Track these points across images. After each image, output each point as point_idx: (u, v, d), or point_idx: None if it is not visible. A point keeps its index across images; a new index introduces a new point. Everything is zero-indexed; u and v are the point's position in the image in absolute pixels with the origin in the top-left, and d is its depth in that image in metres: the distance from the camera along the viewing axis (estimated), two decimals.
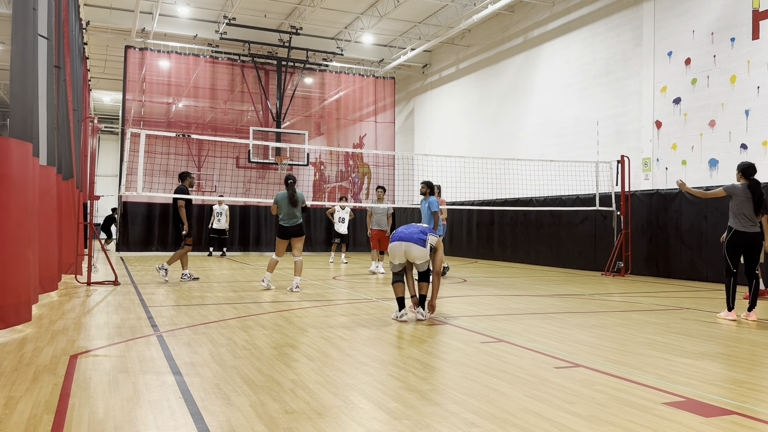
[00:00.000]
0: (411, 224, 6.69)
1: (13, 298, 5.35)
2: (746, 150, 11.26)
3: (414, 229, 6.55)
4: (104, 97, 29.76)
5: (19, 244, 5.38)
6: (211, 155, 20.76)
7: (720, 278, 11.51)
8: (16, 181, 5.35)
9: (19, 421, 3.18)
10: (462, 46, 20.16)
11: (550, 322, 6.65)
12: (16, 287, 5.41)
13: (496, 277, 12.55)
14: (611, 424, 3.22)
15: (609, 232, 13.88)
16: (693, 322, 6.75)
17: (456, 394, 3.73)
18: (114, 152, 35.89)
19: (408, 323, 6.44)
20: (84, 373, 4.18)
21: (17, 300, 5.43)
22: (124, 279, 10.74)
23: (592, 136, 14.88)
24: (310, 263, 16.12)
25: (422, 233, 6.50)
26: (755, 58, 11.15)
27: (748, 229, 6.90)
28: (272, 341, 5.34)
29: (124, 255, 18.32)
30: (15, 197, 5.32)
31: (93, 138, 10.88)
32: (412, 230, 6.53)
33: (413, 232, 6.49)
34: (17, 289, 5.43)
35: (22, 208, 5.45)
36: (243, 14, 18.72)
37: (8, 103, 5.04)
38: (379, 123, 22.74)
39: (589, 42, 15.07)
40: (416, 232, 6.49)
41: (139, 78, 19.38)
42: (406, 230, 6.54)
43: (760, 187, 6.96)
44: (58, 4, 8.50)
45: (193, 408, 3.41)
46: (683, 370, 4.45)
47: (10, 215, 5.26)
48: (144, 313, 6.86)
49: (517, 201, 16.46)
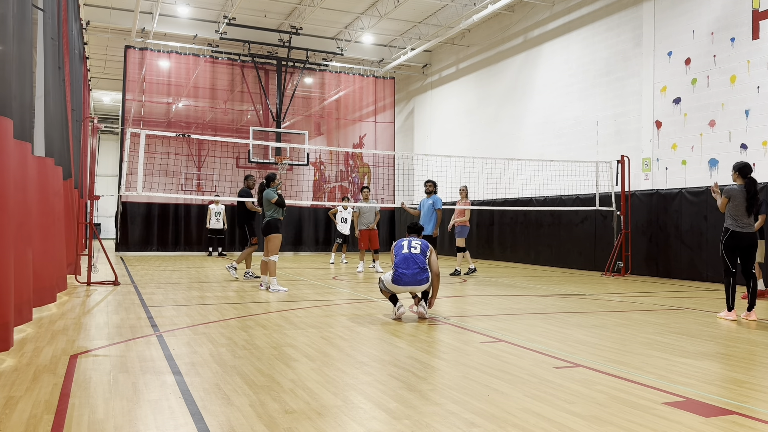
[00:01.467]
0: (407, 257, 6.63)
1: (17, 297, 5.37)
2: (746, 150, 11.26)
3: (414, 268, 6.57)
4: (104, 97, 29.76)
5: (22, 244, 5.39)
6: (211, 155, 20.77)
7: (720, 278, 11.50)
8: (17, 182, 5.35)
9: (19, 421, 3.18)
10: (462, 46, 20.16)
11: (550, 322, 6.65)
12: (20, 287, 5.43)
13: (496, 277, 12.55)
14: (611, 424, 3.22)
15: (609, 232, 13.88)
16: (693, 322, 6.75)
17: (456, 394, 3.73)
18: (114, 152, 35.89)
19: (408, 323, 6.44)
20: (84, 373, 4.18)
21: (21, 300, 5.45)
22: (124, 279, 10.74)
23: (592, 136, 14.88)
24: (309, 263, 16.13)
25: (423, 270, 6.59)
26: (755, 58, 11.15)
27: (745, 230, 6.88)
28: (272, 341, 5.34)
29: (124, 255, 18.32)
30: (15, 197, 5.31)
31: (93, 138, 10.88)
32: (413, 271, 6.56)
33: (416, 274, 6.56)
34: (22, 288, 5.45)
35: (21, 208, 5.45)
36: (243, 14, 18.72)
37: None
38: (378, 123, 22.75)
39: (589, 42, 15.07)
40: (418, 273, 6.56)
41: (139, 78, 19.38)
42: (408, 271, 6.56)
43: (756, 185, 6.94)
44: (59, 4, 8.49)
45: (193, 408, 3.41)
46: (683, 370, 4.45)
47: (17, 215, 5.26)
48: (144, 313, 6.86)
49: (517, 201, 16.46)
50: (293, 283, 10.68)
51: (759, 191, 7.12)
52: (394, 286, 6.64)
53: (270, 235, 9.23)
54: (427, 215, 11.17)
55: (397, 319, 6.65)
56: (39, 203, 6.53)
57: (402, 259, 6.65)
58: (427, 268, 6.66)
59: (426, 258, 6.70)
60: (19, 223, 5.27)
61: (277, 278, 9.67)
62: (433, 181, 11.45)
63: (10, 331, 4.70)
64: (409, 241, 6.84)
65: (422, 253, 6.70)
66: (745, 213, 6.88)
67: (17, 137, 5.28)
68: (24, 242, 5.42)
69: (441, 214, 11.11)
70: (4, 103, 4.75)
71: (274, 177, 9.52)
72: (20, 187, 5.40)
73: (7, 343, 4.65)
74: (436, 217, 11.05)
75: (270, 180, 9.49)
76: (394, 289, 6.67)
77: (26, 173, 5.57)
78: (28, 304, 5.67)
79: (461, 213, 13.03)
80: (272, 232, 9.24)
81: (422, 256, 6.68)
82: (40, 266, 6.61)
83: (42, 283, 6.75)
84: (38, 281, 6.52)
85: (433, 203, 11.15)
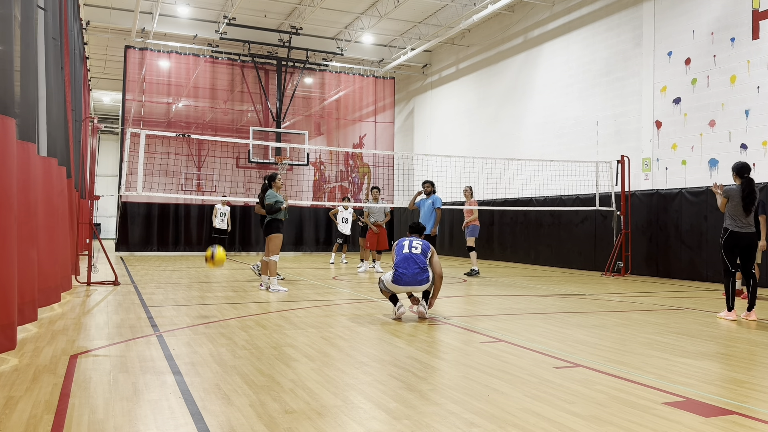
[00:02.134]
0: (408, 257, 6.62)
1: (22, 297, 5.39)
2: (746, 150, 11.26)
3: (414, 268, 6.55)
4: (104, 97, 29.76)
5: (26, 243, 5.40)
6: (211, 155, 20.77)
7: (720, 278, 11.51)
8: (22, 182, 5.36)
9: (19, 421, 3.18)
10: (462, 46, 20.16)
11: (550, 322, 6.65)
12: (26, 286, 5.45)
13: (496, 277, 12.55)
14: (611, 424, 3.21)
15: (609, 232, 13.88)
16: (693, 322, 6.75)
17: (456, 394, 3.73)
18: (114, 152, 35.90)
19: (408, 323, 6.44)
20: (84, 373, 4.18)
21: (28, 299, 5.47)
22: (124, 279, 10.74)
23: (592, 136, 14.88)
24: (310, 263, 16.13)
25: (423, 270, 6.58)
26: (755, 58, 11.15)
27: (744, 230, 6.89)
28: (272, 341, 5.34)
29: (124, 255, 18.32)
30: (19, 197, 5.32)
31: (93, 138, 10.88)
32: (414, 271, 6.55)
33: (416, 274, 6.54)
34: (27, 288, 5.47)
35: (26, 208, 5.46)
36: (243, 14, 18.72)
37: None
38: (378, 123, 22.75)
39: (589, 42, 15.07)
40: (418, 273, 6.55)
41: (139, 78, 19.38)
42: (408, 271, 6.54)
43: (753, 185, 6.95)
44: (60, 4, 8.50)
45: (193, 408, 3.41)
46: (683, 370, 4.45)
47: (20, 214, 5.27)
48: (144, 313, 6.86)
49: (517, 201, 16.46)
50: (293, 283, 10.68)
51: (758, 191, 7.13)
52: (394, 286, 6.64)
53: (271, 235, 9.20)
54: (427, 215, 11.23)
55: (397, 319, 6.65)
56: (44, 203, 6.54)
57: (402, 259, 6.64)
58: (427, 268, 6.66)
59: (427, 258, 6.69)
60: (22, 223, 5.28)
61: (277, 278, 9.65)
62: (431, 181, 11.53)
63: (15, 330, 4.70)
64: (410, 240, 6.83)
65: (423, 253, 6.70)
66: (743, 213, 6.88)
67: (21, 138, 5.28)
68: (28, 242, 5.43)
69: (440, 213, 11.18)
70: (6, 103, 4.75)
71: (275, 177, 9.43)
72: (25, 186, 5.41)
73: (12, 342, 4.65)
74: (436, 216, 11.12)
75: (272, 180, 9.39)
76: (394, 289, 6.67)
77: (31, 173, 5.57)
78: (32, 304, 5.68)
79: (470, 213, 13.21)
80: (273, 232, 9.21)
81: (423, 256, 6.67)
82: (45, 266, 6.62)
83: (47, 283, 6.76)
84: (43, 281, 6.53)
85: (433, 203, 11.23)
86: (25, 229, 5.31)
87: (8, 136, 4.67)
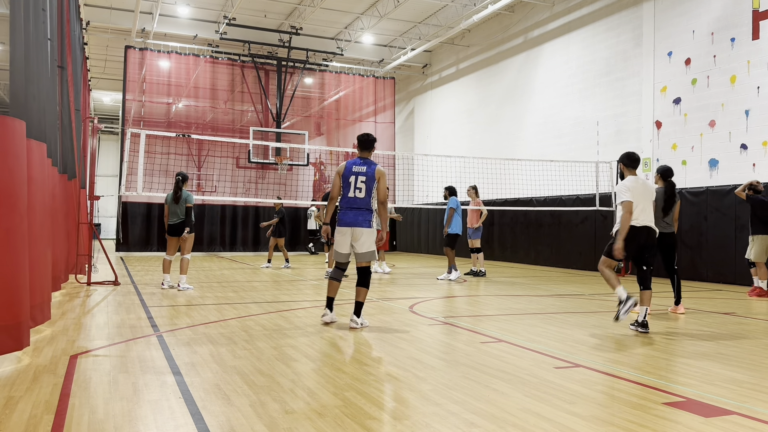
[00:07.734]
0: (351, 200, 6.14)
1: (38, 297, 5.41)
2: (746, 150, 11.26)
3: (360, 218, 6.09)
4: (104, 97, 29.75)
5: (42, 244, 5.41)
6: (211, 155, 20.76)
7: (719, 278, 11.52)
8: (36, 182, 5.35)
9: (19, 421, 3.18)
10: (462, 46, 20.16)
11: (550, 322, 6.65)
12: (41, 287, 5.46)
13: (496, 277, 12.55)
14: (611, 424, 3.21)
15: (609, 232, 13.87)
16: (692, 322, 6.75)
17: (456, 394, 3.73)
18: (114, 152, 35.90)
19: (408, 323, 6.44)
20: (84, 373, 4.18)
21: (42, 299, 5.49)
22: (124, 279, 10.74)
23: (592, 136, 14.88)
24: (309, 263, 16.12)
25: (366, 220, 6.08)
26: (755, 58, 11.15)
27: (664, 230, 7.25)
28: (272, 341, 5.34)
29: (124, 255, 18.31)
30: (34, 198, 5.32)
31: (93, 138, 10.88)
32: (358, 217, 6.08)
33: (357, 216, 6.07)
34: (42, 288, 5.49)
35: (41, 209, 5.48)
36: (243, 14, 18.72)
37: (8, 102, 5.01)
38: (379, 123, 22.74)
39: (589, 42, 15.07)
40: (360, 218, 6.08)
41: (139, 78, 19.38)
42: (353, 215, 6.09)
43: (674, 188, 7.41)
44: (61, 4, 8.49)
45: (193, 408, 3.41)
46: (683, 370, 4.45)
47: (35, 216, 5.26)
48: (144, 313, 6.86)
49: (517, 201, 16.46)
50: (294, 283, 10.68)
51: (678, 195, 7.73)
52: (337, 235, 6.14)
53: (184, 235, 9.37)
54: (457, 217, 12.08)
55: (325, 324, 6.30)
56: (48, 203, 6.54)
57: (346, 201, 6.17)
58: (372, 220, 6.12)
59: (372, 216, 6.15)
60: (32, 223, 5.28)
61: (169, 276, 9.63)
62: (448, 186, 12.37)
63: (23, 331, 4.69)
64: (356, 176, 6.15)
65: (368, 192, 6.11)
66: (661, 213, 7.28)
67: (31, 137, 5.27)
68: (43, 242, 5.44)
69: (452, 212, 11.88)
70: (17, 104, 4.76)
71: (187, 178, 9.40)
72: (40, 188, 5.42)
73: (20, 343, 4.63)
74: (449, 216, 11.87)
75: (184, 181, 9.33)
76: (338, 242, 6.14)
77: (40, 174, 5.56)
78: (47, 304, 5.69)
79: (478, 213, 13.34)
80: (184, 232, 9.39)
81: (368, 197, 6.12)
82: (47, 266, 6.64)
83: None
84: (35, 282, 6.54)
85: (449, 204, 12.03)
86: (35, 230, 5.30)
87: (16, 137, 4.67)
